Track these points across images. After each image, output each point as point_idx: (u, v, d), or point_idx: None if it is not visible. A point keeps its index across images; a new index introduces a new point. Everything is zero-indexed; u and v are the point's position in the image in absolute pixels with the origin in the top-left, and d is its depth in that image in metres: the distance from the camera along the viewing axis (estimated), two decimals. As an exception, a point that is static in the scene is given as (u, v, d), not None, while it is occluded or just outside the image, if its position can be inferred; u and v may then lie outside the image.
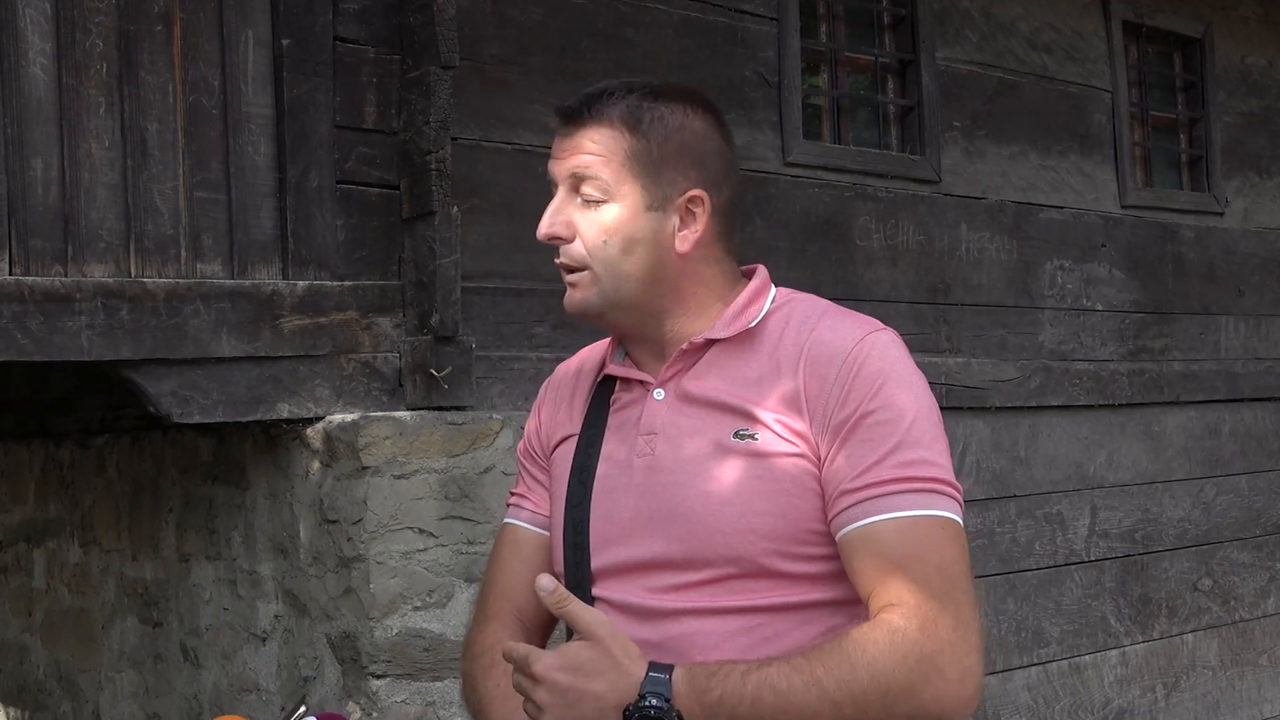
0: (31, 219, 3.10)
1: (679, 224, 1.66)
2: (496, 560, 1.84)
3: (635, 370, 1.73)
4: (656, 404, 1.68)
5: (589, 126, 1.66)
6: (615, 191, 1.64)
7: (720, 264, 1.71)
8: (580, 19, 3.98)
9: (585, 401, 1.78)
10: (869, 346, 1.61)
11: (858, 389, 1.58)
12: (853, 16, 4.82)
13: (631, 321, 1.70)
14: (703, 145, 1.68)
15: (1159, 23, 5.68)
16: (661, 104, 1.67)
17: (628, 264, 1.65)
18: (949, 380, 4.76)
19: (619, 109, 1.65)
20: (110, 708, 4.48)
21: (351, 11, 3.57)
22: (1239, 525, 5.84)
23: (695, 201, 1.66)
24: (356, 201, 3.58)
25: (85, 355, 3.12)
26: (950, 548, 1.55)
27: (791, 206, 4.44)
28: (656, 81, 1.73)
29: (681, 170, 1.65)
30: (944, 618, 1.51)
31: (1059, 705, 5.11)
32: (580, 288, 1.68)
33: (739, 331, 1.67)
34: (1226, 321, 5.82)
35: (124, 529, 4.40)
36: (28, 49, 3.09)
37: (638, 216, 1.65)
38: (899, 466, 1.56)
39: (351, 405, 3.52)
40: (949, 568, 1.54)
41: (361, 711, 3.36)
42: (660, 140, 1.65)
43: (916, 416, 1.59)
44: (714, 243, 1.69)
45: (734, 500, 1.59)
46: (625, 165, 1.64)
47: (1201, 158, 5.86)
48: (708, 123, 1.69)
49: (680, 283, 1.68)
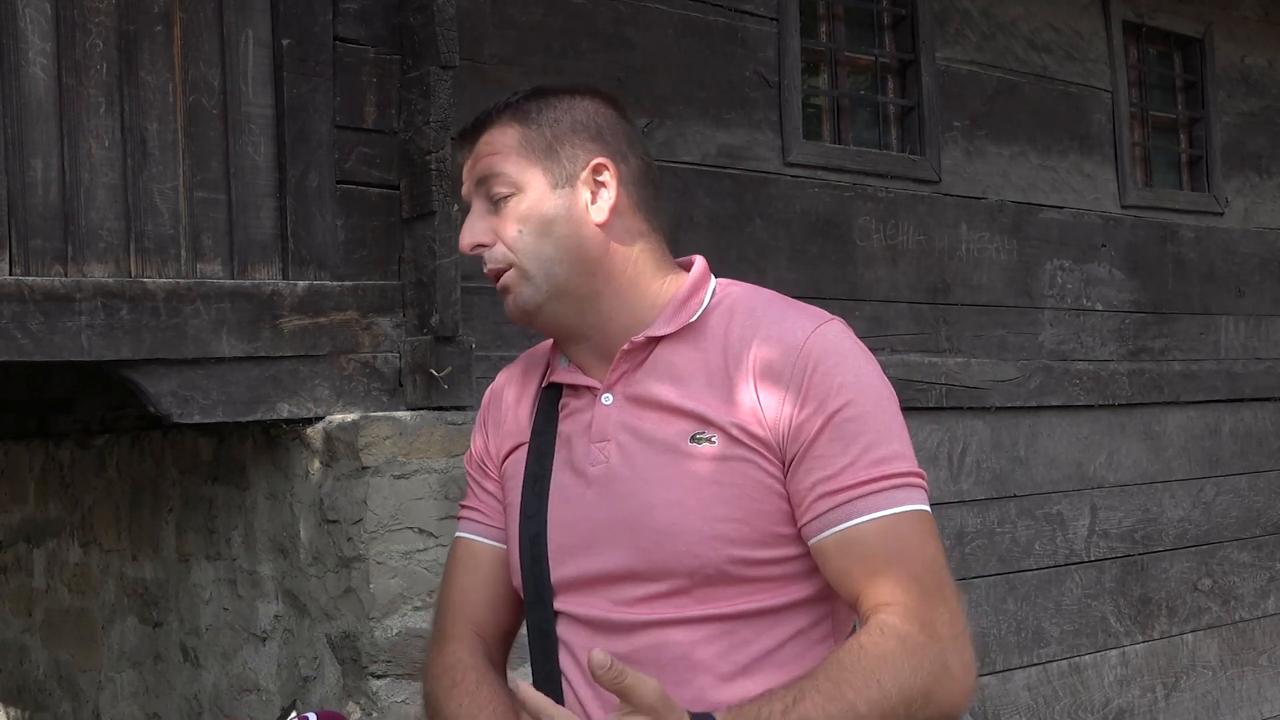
0: (31, 219, 3.10)
1: (591, 197, 1.65)
2: (451, 577, 1.81)
3: (580, 375, 1.69)
4: (606, 409, 1.65)
5: (483, 135, 1.69)
6: (520, 181, 1.65)
7: (646, 239, 1.69)
8: (580, 19, 3.98)
9: (532, 408, 1.75)
10: (820, 340, 1.59)
11: (816, 388, 1.56)
12: (853, 16, 4.82)
13: (570, 314, 1.66)
14: (595, 120, 1.68)
15: (1159, 23, 5.68)
16: (547, 95, 1.70)
17: (548, 247, 1.64)
18: (949, 380, 4.76)
19: (507, 111, 1.68)
20: (110, 708, 4.48)
21: (351, 11, 3.57)
22: (1239, 525, 5.84)
23: (599, 170, 1.65)
24: (356, 201, 3.58)
25: (85, 355, 3.12)
26: (931, 541, 1.56)
27: (791, 206, 4.44)
28: (541, 83, 1.76)
29: (579, 145, 1.66)
30: (941, 614, 1.52)
31: (1059, 705, 5.11)
32: (512, 289, 1.66)
33: (681, 326, 1.64)
34: (1226, 321, 5.82)
35: (124, 529, 4.40)
36: (28, 49, 3.09)
37: (546, 198, 1.64)
38: (872, 465, 1.55)
39: (351, 405, 3.52)
40: (934, 562, 1.55)
41: (361, 711, 3.36)
42: (551, 123, 1.66)
43: (879, 409, 1.58)
44: (633, 213, 1.68)
45: (695, 507, 1.56)
46: (522, 154, 1.65)
47: (1201, 158, 5.86)
48: (598, 102, 1.70)
49: (607, 260, 1.65)
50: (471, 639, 1.76)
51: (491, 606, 1.77)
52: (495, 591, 1.77)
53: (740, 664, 1.58)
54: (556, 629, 1.67)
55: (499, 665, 1.79)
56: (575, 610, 1.64)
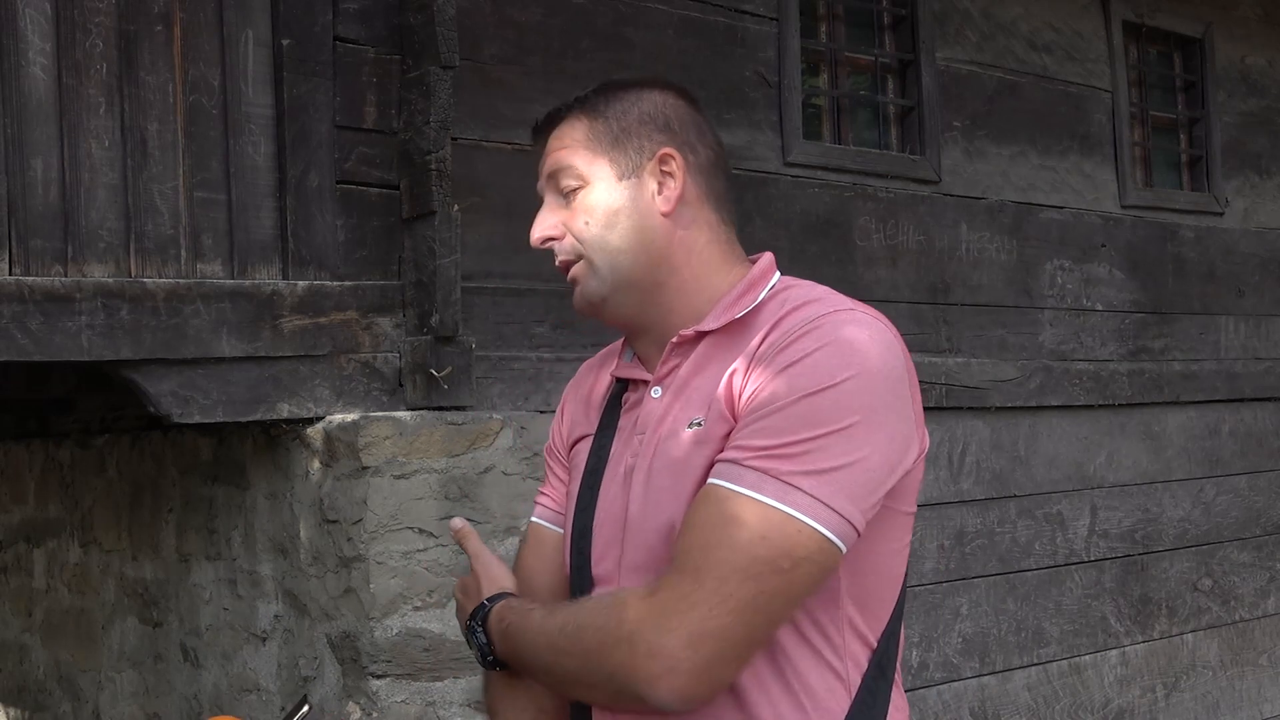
0: (31, 219, 3.10)
1: (658, 188, 1.65)
2: (520, 559, 1.83)
3: (638, 369, 1.70)
4: (653, 403, 1.65)
5: (554, 130, 1.70)
6: (588, 173, 1.66)
7: (713, 230, 1.67)
8: (580, 19, 3.98)
9: (603, 400, 1.76)
10: (824, 321, 1.52)
11: (783, 357, 1.50)
12: (853, 16, 4.82)
13: (634, 305, 1.66)
14: (663, 111, 1.68)
15: (1159, 23, 5.68)
16: (615, 89, 1.71)
17: (614, 237, 1.64)
18: (949, 380, 4.76)
19: (576, 106, 1.70)
20: (110, 708, 4.48)
21: (351, 11, 3.57)
22: (1239, 525, 5.84)
23: (667, 160, 1.65)
24: (356, 201, 3.58)
25: (85, 355, 3.12)
26: (741, 537, 1.43)
27: (791, 206, 4.44)
28: (613, 78, 1.77)
29: (646, 136, 1.66)
30: (666, 593, 1.45)
31: (1059, 705, 5.11)
32: (580, 280, 1.67)
33: (727, 323, 1.61)
34: (1226, 321, 5.82)
35: (124, 529, 4.40)
36: (28, 49, 3.09)
37: (612, 189, 1.65)
38: (761, 443, 1.46)
39: (351, 405, 3.52)
40: (717, 552, 1.44)
41: (361, 711, 3.36)
42: (619, 114, 1.67)
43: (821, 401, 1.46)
44: (700, 204, 1.67)
45: (685, 494, 1.54)
46: (590, 146, 1.66)
47: (1201, 158, 5.86)
48: (667, 93, 1.70)
49: (672, 251, 1.65)
50: None
51: (551, 591, 1.77)
52: (556, 578, 1.77)
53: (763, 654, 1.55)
54: None
55: None
56: None
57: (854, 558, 1.52)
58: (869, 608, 1.57)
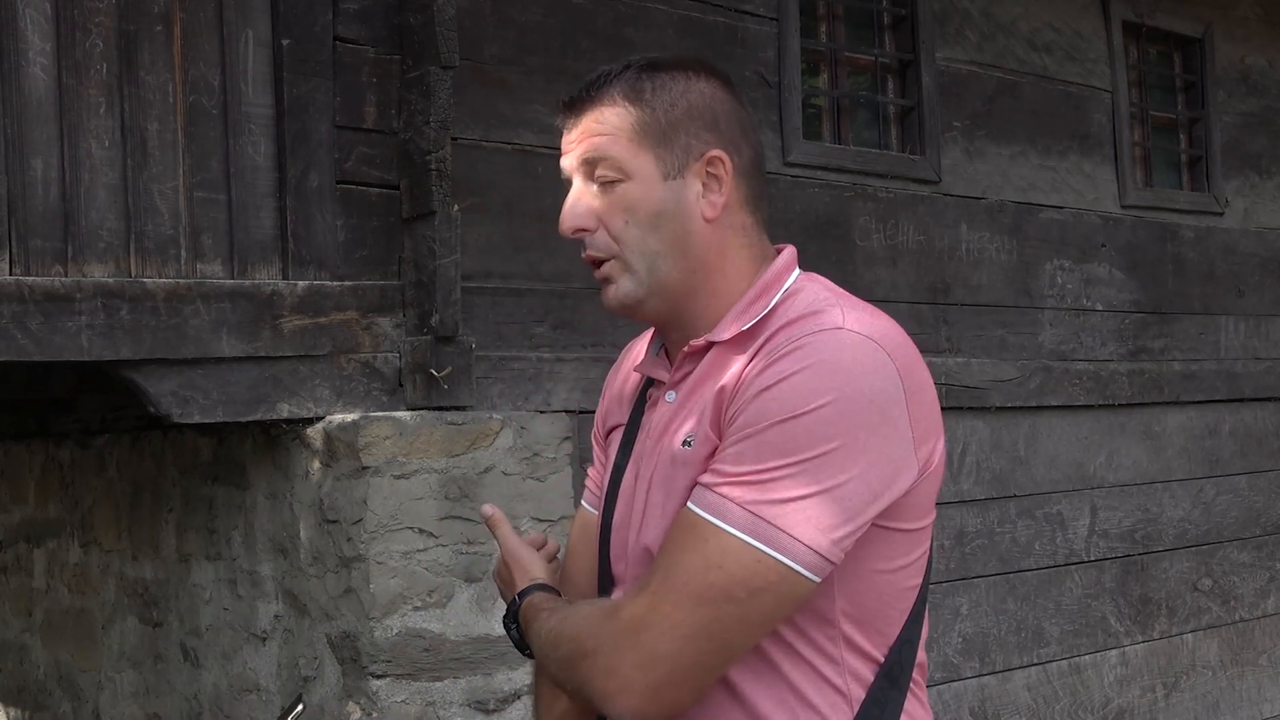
0: (31, 219, 3.10)
1: (702, 190, 1.56)
2: (570, 544, 1.80)
3: (660, 368, 1.64)
4: (665, 408, 1.60)
5: (592, 109, 1.58)
6: (630, 167, 1.55)
7: (747, 234, 1.61)
8: (580, 19, 3.98)
9: (635, 392, 1.71)
10: (817, 337, 1.46)
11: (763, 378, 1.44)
12: (853, 16, 4.82)
13: (668, 308, 1.59)
14: (712, 106, 1.58)
15: (1159, 23, 5.68)
16: (662, 73, 1.58)
17: (655, 240, 1.55)
18: (949, 380, 4.76)
19: (619, 86, 1.57)
20: (110, 708, 4.48)
21: (351, 11, 3.57)
22: (1239, 525, 5.84)
23: (715, 163, 1.57)
24: (356, 201, 3.58)
25: (85, 355, 3.12)
26: (696, 563, 1.41)
27: (791, 206, 4.44)
28: (656, 55, 1.64)
29: (694, 134, 1.56)
30: (626, 613, 1.45)
31: (1059, 705, 5.11)
32: (613, 279, 1.58)
33: (736, 334, 1.55)
34: (1226, 321, 5.82)
35: (124, 529, 4.40)
36: (28, 49, 3.09)
37: (657, 189, 1.55)
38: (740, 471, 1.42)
39: (351, 405, 3.52)
40: (675, 576, 1.42)
41: (361, 711, 3.36)
42: (667, 106, 1.56)
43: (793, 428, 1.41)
44: (740, 207, 1.59)
45: (671, 513, 1.51)
46: (635, 139, 1.55)
47: (1201, 158, 5.86)
48: (714, 84, 1.60)
49: (710, 256, 1.57)
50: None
51: (594, 575, 1.73)
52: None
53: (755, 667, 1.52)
54: None
55: None
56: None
57: (848, 579, 1.48)
58: (870, 624, 1.52)
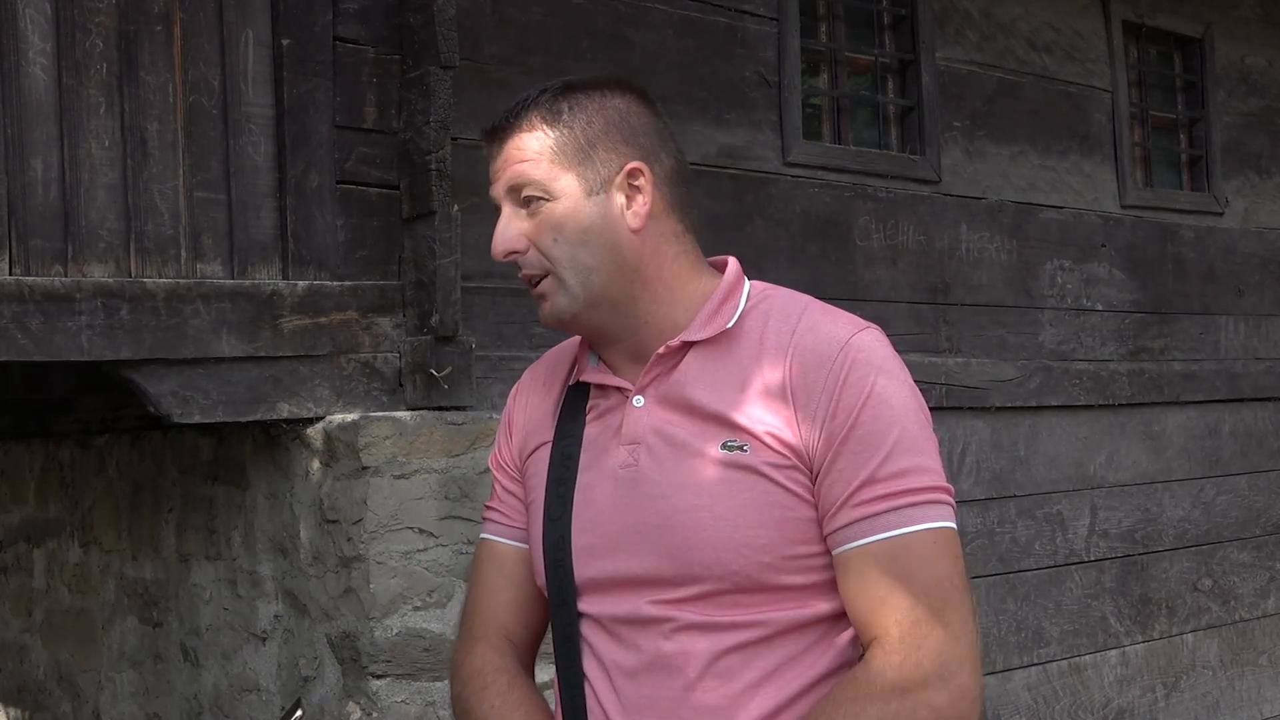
0: (31, 219, 3.10)
1: (625, 202, 1.62)
2: (478, 578, 1.80)
3: (611, 376, 1.67)
4: (637, 411, 1.63)
5: (513, 136, 1.64)
6: (554, 189, 1.61)
7: (680, 240, 1.67)
8: (580, 19, 3.98)
9: (556, 408, 1.73)
10: (855, 349, 1.58)
11: (847, 398, 1.55)
12: (853, 16, 4.83)
13: (606, 319, 1.64)
14: (627, 120, 1.64)
15: (1159, 23, 5.68)
16: (577, 93, 1.65)
17: (585, 255, 1.61)
18: (949, 380, 4.76)
19: (537, 111, 1.64)
20: (110, 708, 4.48)
21: (351, 11, 3.57)
22: (1239, 525, 5.84)
23: (635, 175, 1.62)
24: (356, 201, 3.58)
25: (85, 355, 3.12)
26: (941, 562, 1.53)
27: (791, 206, 4.44)
28: (570, 77, 1.70)
29: (612, 148, 1.62)
30: (930, 641, 1.50)
31: (1059, 705, 5.11)
32: (548, 296, 1.64)
33: (717, 333, 1.62)
34: (1226, 321, 5.82)
35: (124, 529, 4.40)
36: (28, 49, 3.09)
37: (582, 205, 1.61)
38: (890, 480, 1.53)
39: (351, 405, 3.52)
40: (940, 583, 1.52)
41: (361, 711, 3.36)
42: (584, 125, 1.62)
43: (905, 421, 1.55)
44: (667, 215, 1.65)
45: (726, 514, 1.55)
46: (555, 160, 1.61)
47: (1201, 158, 5.86)
48: (629, 99, 1.66)
49: (643, 265, 1.63)
50: (500, 641, 1.76)
51: (518, 607, 1.76)
52: (521, 593, 1.76)
53: (764, 670, 1.56)
54: (580, 630, 1.65)
55: (528, 667, 1.78)
56: (599, 612, 1.63)
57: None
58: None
